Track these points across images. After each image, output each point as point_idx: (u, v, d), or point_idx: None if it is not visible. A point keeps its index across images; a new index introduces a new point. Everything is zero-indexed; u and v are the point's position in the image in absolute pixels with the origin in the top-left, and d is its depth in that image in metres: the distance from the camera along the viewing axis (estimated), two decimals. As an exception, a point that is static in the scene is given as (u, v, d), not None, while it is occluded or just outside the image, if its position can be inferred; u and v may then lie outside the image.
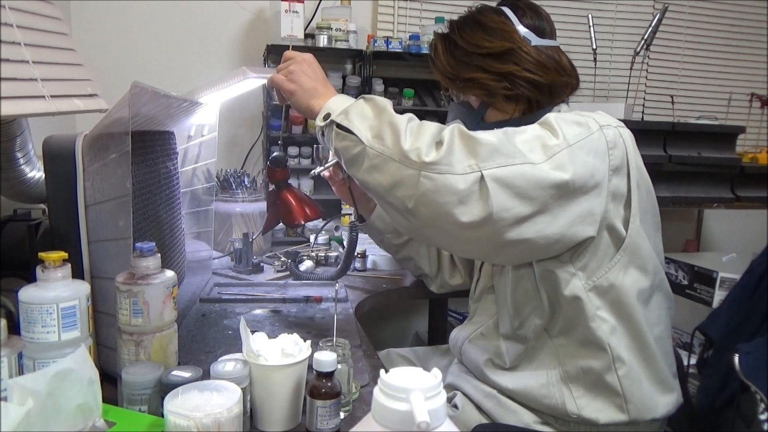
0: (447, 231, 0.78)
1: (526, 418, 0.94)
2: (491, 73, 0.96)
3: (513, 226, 0.76)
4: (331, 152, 1.20)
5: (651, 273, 0.90)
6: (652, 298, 0.91)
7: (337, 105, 0.86)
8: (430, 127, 0.80)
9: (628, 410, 0.88)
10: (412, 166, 0.76)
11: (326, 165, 1.19)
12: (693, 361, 1.11)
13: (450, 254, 1.28)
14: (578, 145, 0.80)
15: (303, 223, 1.17)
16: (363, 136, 0.80)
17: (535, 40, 0.97)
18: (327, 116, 0.85)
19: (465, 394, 1.04)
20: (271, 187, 1.20)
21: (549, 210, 0.78)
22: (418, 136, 0.78)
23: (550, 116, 0.85)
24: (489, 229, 0.76)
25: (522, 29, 0.97)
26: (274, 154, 1.19)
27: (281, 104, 0.97)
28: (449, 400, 1.05)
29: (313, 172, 1.22)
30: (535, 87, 0.96)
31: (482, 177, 0.74)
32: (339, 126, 0.83)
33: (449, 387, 1.08)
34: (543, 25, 0.99)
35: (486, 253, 0.84)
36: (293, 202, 1.16)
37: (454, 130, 0.78)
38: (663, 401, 0.91)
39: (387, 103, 0.84)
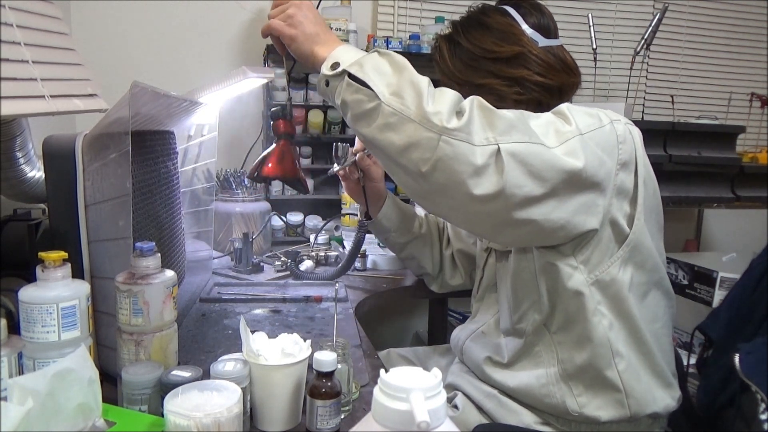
0: (457, 200, 0.76)
1: (527, 418, 0.93)
2: (502, 78, 0.95)
3: (522, 204, 0.75)
4: (349, 152, 1.21)
5: (648, 270, 0.90)
6: (648, 295, 0.91)
7: (347, 55, 0.80)
8: (450, 93, 0.77)
9: (628, 405, 0.88)
10: (432, 129, 0.73)
11: (344, 164, 1.19)
12: (693, 360, 1.11)
13: (452, 254, 1.28)
14: (589, 135, 0.80)
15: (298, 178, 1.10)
16: (379, 91, 0.76)
17: (542, 41, 0.96)
18: (335, 65, 0.80)
19: (465, 395, 1.03)
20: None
21: (557, 195, 0.77)
22: (439, 100, 0.76)
23: (563, 106, 0.84)
24: (499, 204, 0.75)
25: (528, 30, 0.96)
26: (273, 109, 1.11)
27: (282, 54, 0.91)
28: (449, 400, 1.05)
29: (330, 171, 1.22)
30: (545, 90, 0.95)
31: (499, 150, 0.73)
32: (351, 77, 0.78)
33: (450, 387, 1.08)
34: (548, 24, 0.98)
35: (489, 228, 0.82)
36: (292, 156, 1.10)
37: (473, 101, 0.77)
38: (662, 394, 0.91)
39: (406, 61, 0.80)
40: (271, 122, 1.10)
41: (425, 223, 1.29)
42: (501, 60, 0.95)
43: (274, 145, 1.08)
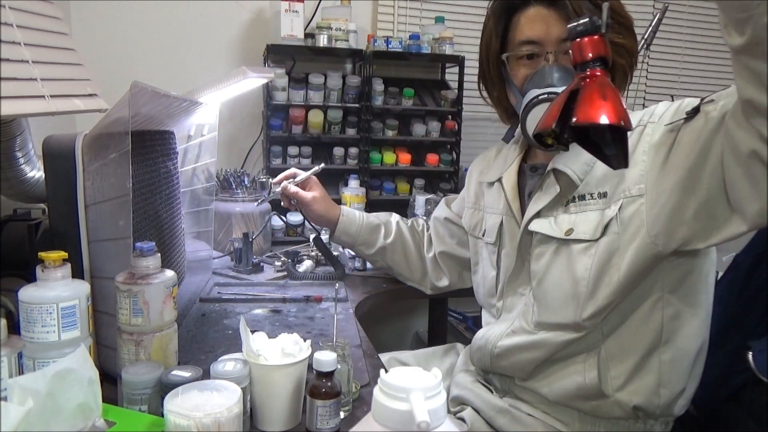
0: None
1: (540, 428, 0.93)
2: (626, 47, 0.89)
3: None
4: (271, 184, 1.27)
5: (712, 258, 0.90)
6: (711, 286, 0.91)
7: None
8: None
9: (660, 394, 0.87)
10: None
11: (270, 196, 1.31)
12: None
13: (434, 257, 1.26)
14: None
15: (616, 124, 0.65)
16: None
17: None
18: None
19: (475, 409, 1.00)
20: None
21: None
22: None
23: None
24: None
25: None
26: (578, 23, 0.68)
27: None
28: (455, 414, 1.04)
29: (257, 203, 1.27)
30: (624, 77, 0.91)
31: None
32: None
33: (456, 400, 1.05)
34: None
35: None
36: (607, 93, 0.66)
37: None
38: (689, 394, 0.91)
39: None
40: (571, 48, 0.70)
41: (393, 232, 1.28)
42: (628, 28, 0.89)
43: (576, 83, 0.68)
